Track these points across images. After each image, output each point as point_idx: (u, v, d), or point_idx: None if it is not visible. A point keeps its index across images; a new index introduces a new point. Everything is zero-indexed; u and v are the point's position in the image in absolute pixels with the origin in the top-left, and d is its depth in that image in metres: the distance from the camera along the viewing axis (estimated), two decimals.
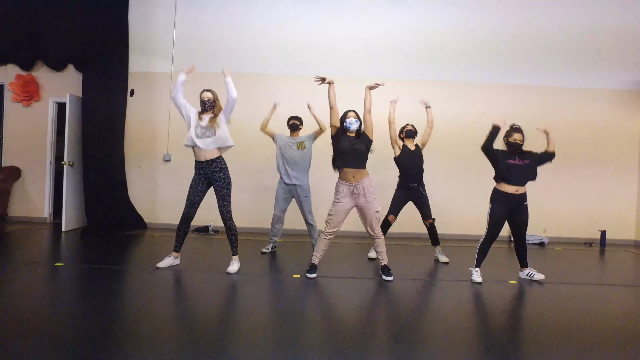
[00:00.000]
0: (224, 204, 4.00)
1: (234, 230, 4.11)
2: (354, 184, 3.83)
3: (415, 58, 6.68)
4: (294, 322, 2.84)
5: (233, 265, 4.09)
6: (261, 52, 6.67)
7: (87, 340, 2.39)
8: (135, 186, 6.65)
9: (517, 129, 3.99)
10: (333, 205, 3.92)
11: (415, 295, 3.65)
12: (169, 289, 3.56)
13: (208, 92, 4.02)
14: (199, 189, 4.00)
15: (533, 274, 4.11)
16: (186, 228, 4.10)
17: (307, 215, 4.94)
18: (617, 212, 6.68)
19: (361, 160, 3.87)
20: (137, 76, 6.65)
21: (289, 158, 4.85)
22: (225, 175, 4.00)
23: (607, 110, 6.71)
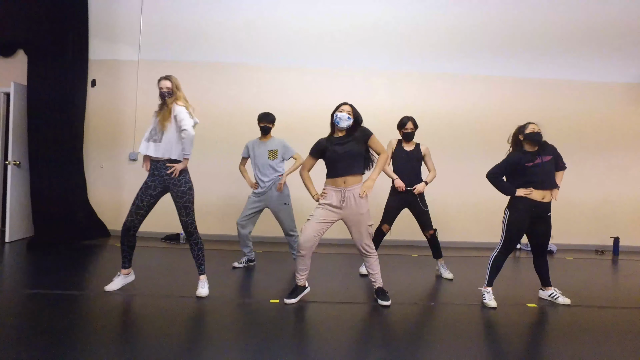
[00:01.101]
0: (186, 212, 3.30)
1: (201, 245, 3.42)
2: (343, 189, 3.16)
3: (410, 49, 6.04)
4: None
5: (203, 287, 3.39)
6: (238, 40, 5.96)
7: None
8: (97, 189, 5.89)
9: (530, 122, 3.38)
10: (314, 211, 3.23)
11: (418, 324, 2.99)
12: (117, 322, 2.84)
13: (166, 79, 3.28)
14: (149, 193, 3.27)
15: (557, 295, 3.49)
16: (130, 241, 3.35)
17: (287, 227, 4.26)
18: (630, 216, 6.14)
19: (354, 164, 3.19)
20: (99, 64, 5.89)
21: (261, 164, 4.22)
22: (187, 179, 3.30)
23: (617, 106, 6.17)
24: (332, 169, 3.20)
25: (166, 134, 3.20)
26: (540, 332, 2.96)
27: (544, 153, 3.36)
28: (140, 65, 5.94)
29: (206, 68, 5.95)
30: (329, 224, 3.23)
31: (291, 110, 5.81)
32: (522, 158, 3.33)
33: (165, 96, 3.26)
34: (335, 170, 3.17)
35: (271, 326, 2.80)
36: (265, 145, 4.25)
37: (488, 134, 5.99)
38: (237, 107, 5.92)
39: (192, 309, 3.11)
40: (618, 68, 6.14)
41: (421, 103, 5.94)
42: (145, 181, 3.29)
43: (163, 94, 3.26)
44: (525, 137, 3.34)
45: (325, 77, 5.99)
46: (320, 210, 3.19)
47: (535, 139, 3.30)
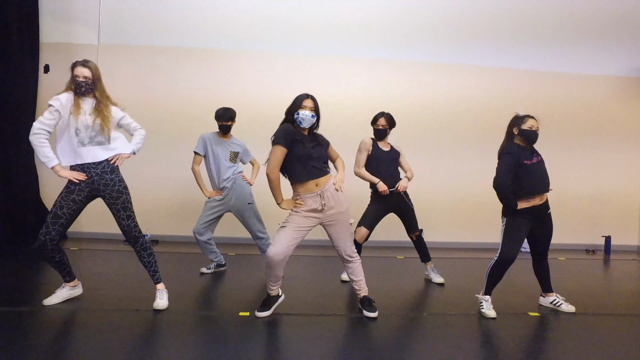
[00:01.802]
0: (126, 214, 2.79)
1: (150, 250, 2.94)
2: (320, 191, 2.72)
3: (398, 37, 5.66)
4: None
5: (162, 297, 2.91)
6: (207, 24, 5.46)
7: None
8: (51, 186, 5.28)
9: (530, 116, 3.02)
10: (288, 216, 2.75)
11: (409, 338, 2.59)
12: (56, 341, 2.33)
13: (84, 67, 2.72)
14: (72, 198, 2.69)
15: (559, 302, 3.16)
16: (53, 257, 2.75)
17: (255, 229, 3.81)
18: (621, 214, 5.94)
19: (323, 165, 2.77)
20: (52, 48, 5.30)
21: (220, 165, 3.71)
22: (120, 177, 2.81)
23: (609, 100, 5.95)
24: (302, 170, 2.68)
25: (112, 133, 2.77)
26: (546, 345, 2.61)
27: (536, 153, 3.03)
28: (101, 50, 5.38)
29: (173, 53, 5.45)
30: (306, 232, 2.77)
31: (262, 98, 5.36)
32: (520, 154, 2.96)
33: (81, 87, 2.69)
34: (307, 171, 2.68)
35: (240, 344, 2.35)
36: (226, 145, 3.76)
37: (473, 128, 5.69)
38: (204, 97, 5.43)
39: (149, 324, 2.64)
40: (609, 61, 5.91)
41: (402, 92, 5.59)
42: (66, 185, 2.72)
43: (79, 85, 2.69)
44: (520, 133, 2.98)
45: (300, 63, 5.57)
46: (297, 217, 2.72)
47: (531, 139, 2.96)
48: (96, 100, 2.73)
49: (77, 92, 2.70)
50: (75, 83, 2.69)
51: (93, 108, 2.71)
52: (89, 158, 2.70)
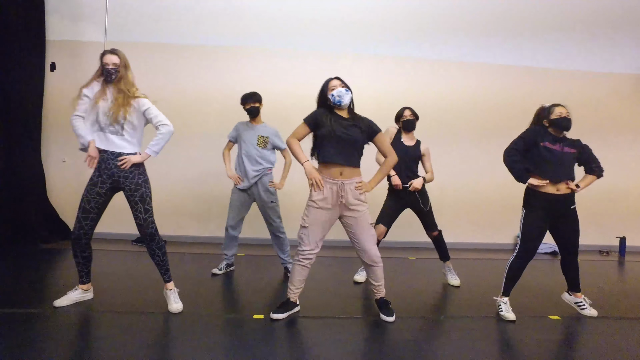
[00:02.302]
0: (144, 208, 2.74)
1: (164, 249, 2.88)
2: (341, 182, 2.66)
3: (400, 33, 5.58)
4: None
5: (176, 301, 2.85)
6: (216, 20, 5.39)
7: None
8: (58, 185, 5.26)
9: (557, 104, 2.94)
10: (307, 212, 2.72)
11: (427, 342, 2.52)
12: (69, 344, 2.27)
13: (112, 54, 2.72)
14: (96, 191, 2.72)
15: (584, 305, 3.07)
16: (84, 251, 2.80)
17: (275, 226, 3.75)
18: (635, 215, 5.85)
19: (355, 153, 2.69)
20: (58, 46, 5.25)
21: (249, 152, 3.68)
22: (140, 170, 2.77)
23: (619, 97, 5.86)
24: (327, 152, 2.64)
25: (127, 125, 2.71)
26: (568, 349, 2.54)
27: (566, 143, 2.93)
28: (107, 47, 5.29)
29: (181, 50, 5.39)
30: (327, 224, 2.73)
31: (265, 94, 5.29)
32: (538, 134, 2.89)
33: (111, 74, 2.69)
34: (331, 155, 2.63)
35: (256, 347, 2.29)
36: (255, 129, 3.72)
37: (484, 125, 5.61)
38: (208, 93, 5.37)
39: (162, 326, 2.58)
40: (622, 58, 5.82)
41: (406, 90, 5.50)
42: (90, 178, 2.74)
43: (109, 72, 2.69)
44: (551, 124, 2.90)
45: (305, 60, 5.49)
46: (315, 211, 2.68)
47: (563, 126, 2.87)
48: (119, 89, 2.69)
49: (107, 80, 2.71)
50: (105, 71, 2.70)
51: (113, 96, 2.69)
52: (103, 145, 2.70)
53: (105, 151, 2.70)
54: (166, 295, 2.89)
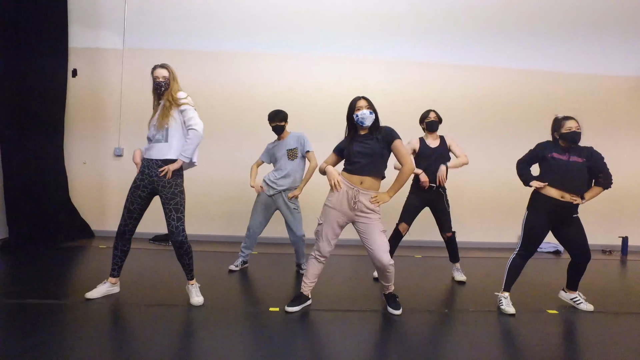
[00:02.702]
0: (177, 216, 2.94)
1: (191, 254, 3.09)
2: (356, 190, 2.83)
3: (414, 35, 5.76)
4: None
5: (197, 294, 3.07)
6: (230, 26, 5.61)
7: None
8: (79, 186, 5.51)
9: (568, 117, 3.08)
10: (323, 211, 2.94)
11: (432, 334, 2.71)
12: (102, 333, 2.50)
13: (162, 68, 2.96)
14: (138, 194, 2.97)
15: (580, 300, 3.25)
16: (124, 245, 3.08)
17: (297, 233, 3.92)
18: (637, 215, 5.97)
19: (375, 164, 2.84)
20: (80, 52, 5.50)
21: (281, 168, 3.91)
22: (178, 182, 2.97)
23: (623, 99, 5.97)
24: (349, 165, 2.89)
25: (169, 132, 2.90)
26: (565, 342, 2.71)
27: (574, 152, 3.06)
28: (125, 53, 5.56)
29: (196, 56, 5.60)
30: (338, 225, 2.92)
31: (275, 97, 5.49)
32: (546, 148, 3.08)
33: (161, 87, 2.93)
34: (352, 166, 2.86)
35: (273, 338, 2.50)
36: (282, 145, 3.92)
37: (489, 125, 5.76)
38: (222, 97, 5.58)
39: (186, 318, 2.79)
40: (620, 60, 5.93)
41: (420, 91, 5.67)
42: (135, 179, 3.00)
43: (159, 85, 2.93)
44: (561, 137, 3.07)
45: (319, 62, 5.69)
46: (328, 211, 2.89)
47: (571, 140, 3.02)
48: (166, 99, 2.91)
49: (157, 92, 2.95)
50: (155, 84, 2.93)
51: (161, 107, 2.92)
52: (148, 153, 2.95)
53: (149, 160, 2.92)
54: (188, 290, 3.10)
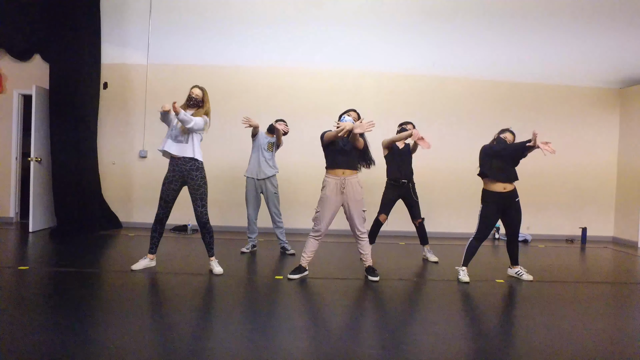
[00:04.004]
0: (202, 204, 3.77)
1: (212, 232, 3.91)
2: (342, 179, 3.69)
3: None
4: (275, 326, 2.67)
5: (217, 266, 3.90)
6: (240, 43, 6.43)
7: (52, 354, 2.17)
8: (109, 184, 6.35)
9: (511, 131, 3.95)
10: (319, 202, 3.78)
11: (402, 296, 3.53)
12: (144, 293, 3.34)
13: (199, 89, 3.79)
14: (172, 187, 3.76)
15: (522, 273, 4.05)
16: (161, 229, 3.89)
17: (274, 215, 4.81)
18: (597, 210, 6.75)
19: (353, 160, 3.76)
20: (110, 68, 6.34)
21: (263, 156, 4.78)
22: (202, 175, 3.78)
23: (584, 108, 6.76)
24: (332, 161, 3.74)
25: (190, 137, 3.71)
26: (506, 302, 3.52)
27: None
28: (149, 68, 6.40)
29: (211, 70, 6.41)
30: (334, 210, 3.77)
31: (283, 109, 6.31)
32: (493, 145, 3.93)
33: (192, 101, 3.73)
34: (336, 162, 3.71)
35: (278, 297, 3.32)
36: (269, 140, 4.82)
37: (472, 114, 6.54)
38: (233, 107, 6.40)
39: (210, 284, 3.61)
40: (582, 74, 6.72)
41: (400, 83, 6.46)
42: (166, 176, 3.76)
43: (192, 99, 3.74)
44: (497, 139, 3.91)
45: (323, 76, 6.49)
46: (325, 201, 3.73)
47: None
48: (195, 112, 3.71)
49: (188, 104, 3.75)
50: (190, 98, 3.75)
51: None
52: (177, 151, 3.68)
53: (178, 158, 3.70)
54: (210, 264, 3.92)
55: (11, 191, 6.29)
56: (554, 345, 2.54)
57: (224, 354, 2.28)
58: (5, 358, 2.10)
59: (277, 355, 2.28)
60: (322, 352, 2.35)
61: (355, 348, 2.42)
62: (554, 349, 2.48)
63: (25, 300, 3.02)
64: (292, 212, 6.16)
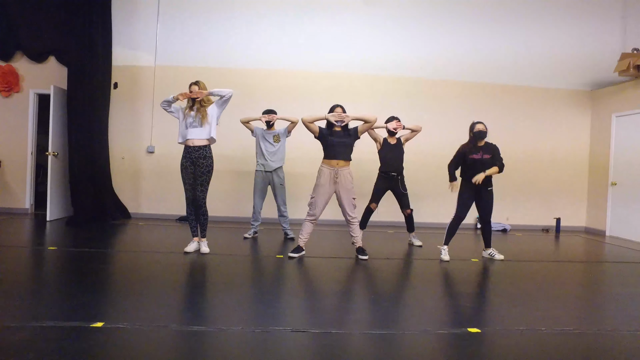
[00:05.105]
0: (201, 189, 4.23)
1: (207, 215, 4.34)
2: (336, 169, 4.18)
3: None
4: (277, 296, 3.17)
5: (205, 246, 4.33)
6: (242, 47, 6.91)
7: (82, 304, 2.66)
8: (119, 177, 6.79)
9: (479, 121, 4.43)
10: (314, 189, 4.25)
11: (389, 271, 4.04)
12: (161, 268, 3.81)
13: (195, 85, 4.25)
14: (189, 171, 4.23)
15: (494, 254, 4.58)
16: (195, 211, 4.30)
17: (280, 205, 5.26)
18: (571, 202, 7.33)
19: (348, 152, 4.25)
20: (120, 69, 6.78)
21: (266, 150, 5.19)
22: (209, 163, 4.24)
23: (559, 108, 7.32)
24: (330, 152, 4.21)
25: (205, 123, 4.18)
26: (480, 277, 4.05)
27: (486, 151, 4.40)
28: (157, 70, 6.86)
29: (215, 72, 6.86)
30: (327, 197, 4.26)
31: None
32: (466, 151, 4.40)
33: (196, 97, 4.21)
34: (333, 154, 4.19)
35: (279, 273, 3.82)
36: (270, 132, 5.22)
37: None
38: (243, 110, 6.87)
39: (219, 262, 4.10)
40: (555, 77, 7.30)
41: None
42: (181, 163, 4.23)
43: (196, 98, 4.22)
44: (474, 135, 4.40)
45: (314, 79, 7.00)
46: (320, 189, 4.22)
47: (479, 137, 4.37)
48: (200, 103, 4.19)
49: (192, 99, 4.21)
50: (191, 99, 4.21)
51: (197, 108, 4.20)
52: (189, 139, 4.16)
53: (190, 146, 4.16)
54: (200, 244, 4.36)
55: (27, 184, 6.72)
56: (518, 305, 3.06)
57: (229, 317, 2.77)
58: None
59: (278, 320, 2.77)
60: (318, 319, 2.85)
61: (346, 316, 2.92)
62: (516, 309, 3.00)
63: (57, 274, 3.49)
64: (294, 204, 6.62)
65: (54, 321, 2.35)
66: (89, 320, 2.37)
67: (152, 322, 2.43)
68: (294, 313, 2.77)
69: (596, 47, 7.19)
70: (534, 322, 2.71)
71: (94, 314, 2.52)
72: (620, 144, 6.69)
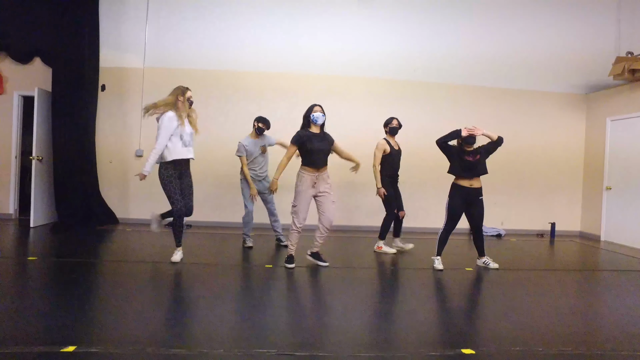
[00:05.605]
0: (192, 197, 4.20)
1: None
2: (316, 174, 4.05)
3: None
4: (262, 312, 3.05)
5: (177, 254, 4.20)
6: (233, 49, 6.77)
7: (59, 329, 2.52)
8: (107, 181, 6.63)
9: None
10: (296, 196, 4.08)
11: (381, 283, 3.93)
12: (145, 280, 3.68)
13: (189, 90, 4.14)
14: (178, 182, 4.09)
15: (489, 262, 4.48)
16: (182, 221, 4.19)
17: (271, 208, 5.16)
18: (565, 206, 7.26)
19: (327, 158, 4.15)
20: (108, 71, 6.62)
21: (256, 160, 5.05)
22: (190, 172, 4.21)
23: (554, 113, 7.25)
24: (310, 159, 4.03)
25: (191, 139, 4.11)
26: (474, 289, 3.95)
27: (475, 155, 4.29)
28: (146, 72, 6.70)
29: (206, 74, 6.72)
30: (309, 202, 4.11)
31: (279, 113, 6.66)
32: (460, 151, 4.30)
33: (191, 103, 4.10)
34: (314, 161, 4.02)
35: (267, 285, 3.69)
36: (258, 142, 5.06)
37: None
38: (231, 114, 6.73)
39: (208, 273, 3.97)
40: (550, 81, 7.23)
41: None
42: (169, 174, 4.03)
43: (191, 102, 4.10)
44: (463, 140, 4.29)
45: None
46: (301, 195, 4.06)
47: (468, 142, 4.26)
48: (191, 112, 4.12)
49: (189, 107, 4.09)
50: (190, 102, 4.09)
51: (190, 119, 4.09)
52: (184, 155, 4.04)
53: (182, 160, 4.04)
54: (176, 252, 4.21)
55: (11, 188, 6.54)
56: (514, 321, 2.96)
57: (220, 329, 2.65)
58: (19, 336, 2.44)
59: (263, 341, 2.65)
60: (305, 339, 2.73)
61: (334, 336, 2.81)
62: (509, 324, 2.90)
63: (36, 286, 3.34)
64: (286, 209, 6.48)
65: (20, 346, 2.20)
66: (60, 344, 2.23)
67: (129, 345, 2.30)
68: (280, 331, 2.66)
69: (591, 51, 7.12)
70: (531, 341, 2.60)
71: (66, 335, 2.38)
72: (615, 147, 6.63)
